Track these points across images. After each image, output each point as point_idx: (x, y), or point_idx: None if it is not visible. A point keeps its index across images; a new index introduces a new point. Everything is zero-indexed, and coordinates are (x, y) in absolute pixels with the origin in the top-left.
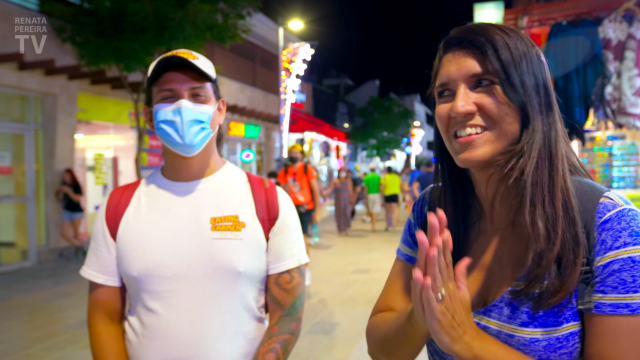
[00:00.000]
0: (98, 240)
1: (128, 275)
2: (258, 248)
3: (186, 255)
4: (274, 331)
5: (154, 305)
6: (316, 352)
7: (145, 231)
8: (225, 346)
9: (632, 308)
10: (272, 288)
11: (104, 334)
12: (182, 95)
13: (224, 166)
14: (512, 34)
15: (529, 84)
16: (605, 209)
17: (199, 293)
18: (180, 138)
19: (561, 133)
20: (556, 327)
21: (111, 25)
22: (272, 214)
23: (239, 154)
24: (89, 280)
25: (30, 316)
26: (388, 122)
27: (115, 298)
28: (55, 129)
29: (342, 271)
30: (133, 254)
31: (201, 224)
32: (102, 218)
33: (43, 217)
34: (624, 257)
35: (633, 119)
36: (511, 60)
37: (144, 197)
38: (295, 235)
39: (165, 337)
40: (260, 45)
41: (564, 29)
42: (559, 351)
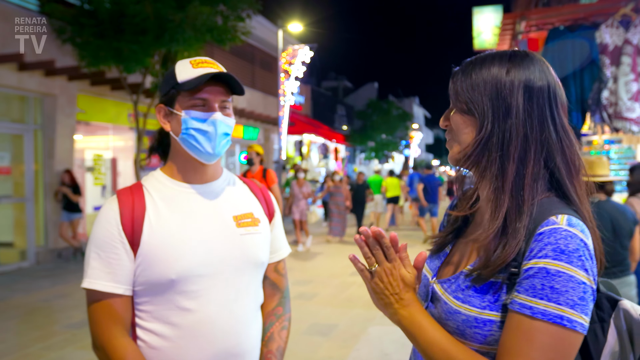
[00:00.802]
0: (112, 248)
1: (162, 280)
2: (268, 241)
3: (221, 252)
4: (280, 312)
5: (190, 304)
6: (313, 354)
7: (174, 234)
8: (255, 330)
9: (533, 311)
10: (271, 274)
11: (129, 345)
12: (214, 107)
13: (224, 170)
14: (487, 66)
15: (479, 101)
16: (546, 224)
17: (233, 286)
18: (211, 148)
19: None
20: (478, 309)
21: (111, 27)
22: (270, 209)
23: (238, 155)
24: (100, 291)
25: (29, 316)
26: (386, 125)
27: (130, 308)
28: (54, 129)
29: (340, 273)
30: (168, 257)
31: (226, 222)
32: (116, 225)
33: (42, 218)
34: (540, 266)
35: (629, 123)
36: (467, 87)
37: (160, 201)
38: (282, 228)
39: (211, 332)
40: (259, 47)
41: (562, 33)
42: (473, 329)
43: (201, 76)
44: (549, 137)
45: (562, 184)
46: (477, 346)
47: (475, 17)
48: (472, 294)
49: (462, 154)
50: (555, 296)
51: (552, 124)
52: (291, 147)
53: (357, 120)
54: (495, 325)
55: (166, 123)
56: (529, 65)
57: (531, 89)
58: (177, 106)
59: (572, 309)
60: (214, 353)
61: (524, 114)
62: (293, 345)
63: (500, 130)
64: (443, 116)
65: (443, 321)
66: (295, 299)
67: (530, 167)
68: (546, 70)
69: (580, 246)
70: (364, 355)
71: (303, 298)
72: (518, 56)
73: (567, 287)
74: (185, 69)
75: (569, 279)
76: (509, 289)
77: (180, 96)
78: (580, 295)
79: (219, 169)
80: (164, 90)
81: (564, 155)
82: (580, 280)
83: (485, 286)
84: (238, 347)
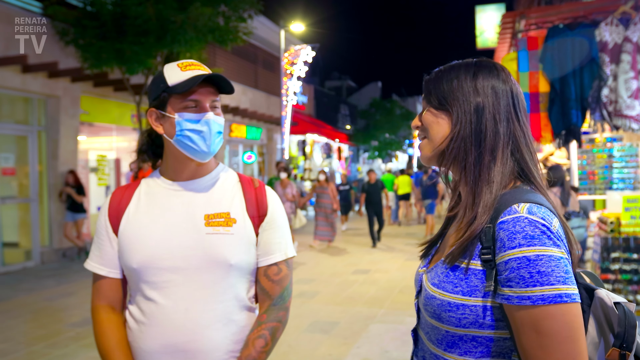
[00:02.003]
0: (101, 235)
1: (128, 267)
2: (248, 242)
3: (182, 249)
4: (262, 319)
5: (152, 294)
6: (314, 351)
7: (144, 227)
8: (218, 332)
9: (532, 300)
10: (261, 279)
11: (106, 322)
12: (206, 107)
13: (217, 167)
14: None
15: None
16: (508, 212)
17: (193, 284)
18: (206, 147)
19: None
20: (450, 294)
21: (114, 28)
22: (261, 211)
23: (241, 155)
24: (93, 272)
25: (34, 315)
26: (390, 124)
27: (117, 289)
28: (58, 130)
29: (342, 271)
30: (133, 247)
31: (195, 220)
32: (105, 215)
33: (46, 218)
34: (519, 256)
35: (629, 121)
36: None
37: (144, 196)
38: (283, 231)
39: (163, 324)
40: (262, 47)
41: (561, 31)
42: (447, 313)
43: (193, 78)
44: (515, 131)
45: (528, 172)
46: (455, 329)
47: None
48: (445, 280)
49: (435, 150)
50: (546, 278)
51: (516, 120)
52: (294, 146)
53: (361, 120)
54: (468, 309)
55: (159, 126)
56: (492, 71)
57: (497, 90)
58: (170, 109)
59: (565, 284)
60: (162, 344)
61: (494, 111)
62: (294, 343)
63: (475, 124)
64: (415, 118)
65: (424, 306)
66: (297, 297)
67: (500, 156)
68: (507, 76)
69: (543, 229)
70: (365, 352)
71: (305, 296)
72: (484, 64)
73: (551, 267)
74: (175, 73)
75: (549, 259)
76: (487, 276)
77: (172, 99)
78: (564, 269)
79: (210, 166)
80: (154, 94)
81: (527, 147)
82: (558, 257)
83: (459, 272)
84: (190, 344)
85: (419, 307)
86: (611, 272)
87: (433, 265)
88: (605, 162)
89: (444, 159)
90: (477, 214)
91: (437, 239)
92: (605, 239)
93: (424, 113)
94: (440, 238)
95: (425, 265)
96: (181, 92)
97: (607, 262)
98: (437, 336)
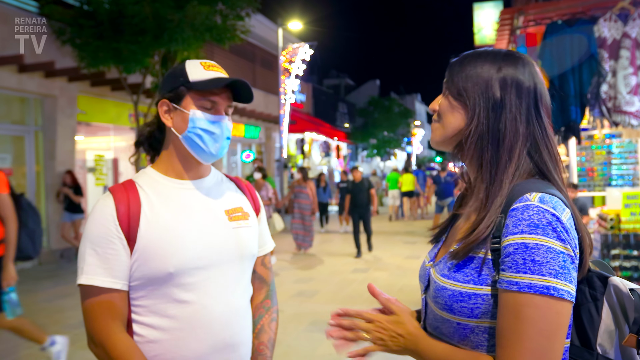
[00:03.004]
0: (110, 244)
1: (158, 274)
2: (257, 234)
3: (216, 245)
4: (268, 304)
5: (187, 296)
6: (314, 350)
7: (170, 228)
8: (248, 321)
9: (519, 286)
10: (259, 268)
11: (128, 341)
12: (222, 111)
13: (212, 168)
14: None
15: (472, 91)
16: (519, 201)
17: (227, 277)
18: (215, 150)
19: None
20: (461, 283)
21: (110, 27)
22: (256, 205)
23: (239, 154)
24: (97, 287)
25: (31, 316)
26: (388, 122)
27: (126, 303)
28: (55, 130)
29: (342, 270)
30: (165, 252)
31: (218, 216)
32: (112, 222)
33: (44, 219)
34: (518, 242)
35: (628, 117)
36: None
37: (154, 196)
38: (267, 223)
39: (208, 323)
40: (259, 45)
41: (560, 28)
42: (460, 303)
43: (217, 79)
44: (534, 131)
45: (546, 172)
46: (467, 320)
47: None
48: (455, 270)
49: (444, 138)
50: (538, 268)
51: (537, 120)
52: (293, 145)
53: (359, 118)
54: (480, 298)
55: (168, 119)
56: (518, 66)
57: (520, 87)
58: (185, 104)
59: (556, 278)
60: (211, 344)
61: (515, 109)
62: (294, 342)
63: (493, 122)
64: (434, 101)
65: (434, 299)
66: (297, 296)
67: (516, 157)
68: (534, 73)
69: (552, 220)
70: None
71: (304, 295)
72: (511, 56)
73: (547, 258)
74: (197, 70)
75: (547, 250)
76: (495, 265)
77: (190, 95)
78: (560, 264)
79: (208, 167)
80: (170, 86)
81: (547, 148)
82: (558, 250)
83: (468, 261)
84: (234, 337)
85: (426, 302)
86: None
87: (441, 258)
88: (604, 159)
89: (459, 150)
90: (489, 212)
91: (445, 227)
92: (605, 236)
93: (442, 99)
94: (447, 228)
95: (432, 259)
96: (201, 89)
97: (607, 259)
98: (448, 330)
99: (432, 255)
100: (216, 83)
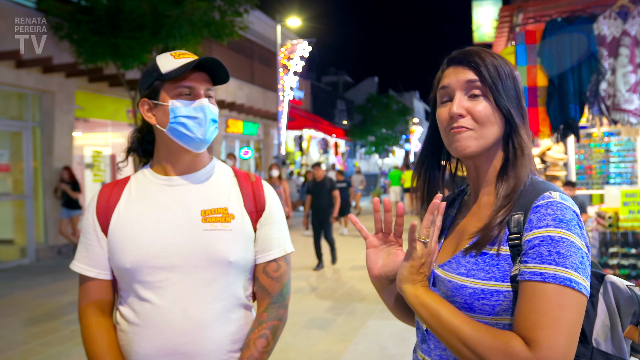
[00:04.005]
0: (89, 234)
1: (120, 268)
2: (246, 239)
3: (178, 246)
4: (263, 318)
5: (147, 295)
6: (312, 347)
7: (136, 224)
8: (217, 333)
9: (544, 276)
10: (260, 277)
11: (95, 325)
12: (201, 94)
13: (211, 162)
14: (499, 58)
15: (512, 97)
16: (541, 199)
17: (191, 282)
18: (201, 134)
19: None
20: (483, 280)
21: (108, 23)
22: (259, 206)
23: (237, 151)
24: (80, 273)
25: (29, 312)
26: (387, 119)
27: (107, 291)
28: (53, 126)
29: (339, 267)
30: (125, 247)
31: (192, 216)
32: (92, 213)
33: (41, 215)
34: (544, 235)
35: (627, 115)
36: (498, 77)
37: (135, 192)
38: (280, 226)
39: (159, 325)
40: (258, 42)
41: (559, 25)
42: (481, 301)
43: (186, 64)
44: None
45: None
46: (487, 318)
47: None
48: (475, 268)
49: (483, 149)
50: (562, 260)
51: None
52: (291, 142)
53: (357, 115)
54: (502, 295)
55: (151, 117)
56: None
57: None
58: (162, 97)
59: (577, 272)
60: (160, 346)
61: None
62: (292, 339)
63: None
64: (457, 102)
65: (451, 299)
66: (295, 293)
67: (529, 152)
68: None
69: (574, 216)
70: (362, 349)
71: (302, 292)
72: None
73: (570, 252)
74: (168, 61)
75: (571, 244)
76: (513, 260)
77: (165, 86)
78: (580, 259)
79: (204, 160)
80: (146, 84)
81: None
82: (579, 246)
83: (488, 258)
84: (187, 346)
85: None
86: (609, 267)
87: (449, 259)
88: (603, 157)
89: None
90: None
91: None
92: (604, 234)
93: (476, 104)
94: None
95: None
96: (174, 77)
97: (605, 257)
98: None
99: None
100: (186, 67)
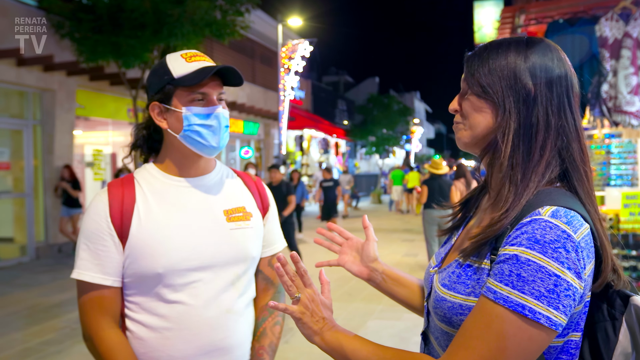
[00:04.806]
0: (102, 240)
1: (149, 273)
2: (260, 235)
3: (209, 247)
4: None
5: (178, 296)
6: (312, 347)
7: (162, 228)
8: (244, 325)
9: (496, 296)
10: (265, 269)
11: (116, 336)
12: (214, 100)
13: (217, 163)
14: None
15: (499, 85)
16: (529, 215)
17: (221, 280)
18: (216, 142)
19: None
20: (462, 295)
21: (110, 22)
22: (264, 203)
23: (238, 150)
24: (88, 282)
25: (29, 311)
26: (387, 119)
27: (119, 299)
28: (53, 124)
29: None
30: (155, 251)
31: (216, 216)
32: (105, 217)
33: (41, 213)
34: (511, 254)
35: (629, 117)
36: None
37: (151, 194)
38: (278, 221)
39: (197, 325)
40: (259, 42)
41: (561, 27)
42: (459, 316)
43: (202, 70)
44: (566, 125)
45: (573, 172)
46: None
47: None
48: (457, 281)
49: (473, 139)
50: (521, 284)
51: (569, 112)
52: (291, 142)
53: (358, 115)
54: None
55: (162, 121)
56: (546, 52)
57: (551, 76)
58: (175, 102)
59: (537, 300)
60: (199, 345)
61: (546, 101)
62: (292, 339)
63: (525, 116)
64: (453, 100)
65: (434, 309)
66: None
67: (547, 154)
68: (563, 59)
69: (560, 237)
70: None
71: None
72: (535, 43)
73: (534, 277)
74: (180, 64)
75: (538, 269)
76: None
77: (178, 92)
78: (549, 287)
79: (212, 162)
80: (157, 87)
81: (579, 143)
82: (552, 272)
83: (471, 271)
84: (225, 340)
85: (428, 310)
86: None
87: (446, 265)
88: (604, 159)
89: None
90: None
91: (459, 224)
92: None
93: (464, 100)
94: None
95: (437, 266)
96: (190, 84)
97: None
98: (448, 342)
99: (439, 259)
100: (202, 75)
